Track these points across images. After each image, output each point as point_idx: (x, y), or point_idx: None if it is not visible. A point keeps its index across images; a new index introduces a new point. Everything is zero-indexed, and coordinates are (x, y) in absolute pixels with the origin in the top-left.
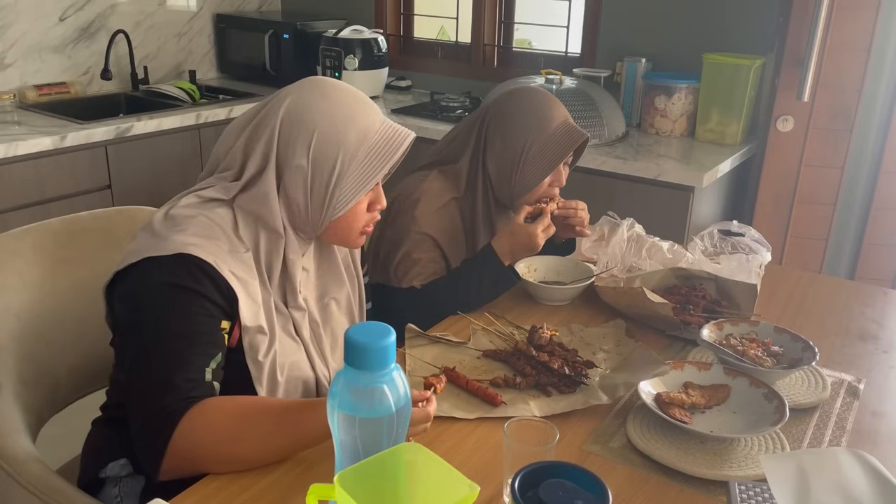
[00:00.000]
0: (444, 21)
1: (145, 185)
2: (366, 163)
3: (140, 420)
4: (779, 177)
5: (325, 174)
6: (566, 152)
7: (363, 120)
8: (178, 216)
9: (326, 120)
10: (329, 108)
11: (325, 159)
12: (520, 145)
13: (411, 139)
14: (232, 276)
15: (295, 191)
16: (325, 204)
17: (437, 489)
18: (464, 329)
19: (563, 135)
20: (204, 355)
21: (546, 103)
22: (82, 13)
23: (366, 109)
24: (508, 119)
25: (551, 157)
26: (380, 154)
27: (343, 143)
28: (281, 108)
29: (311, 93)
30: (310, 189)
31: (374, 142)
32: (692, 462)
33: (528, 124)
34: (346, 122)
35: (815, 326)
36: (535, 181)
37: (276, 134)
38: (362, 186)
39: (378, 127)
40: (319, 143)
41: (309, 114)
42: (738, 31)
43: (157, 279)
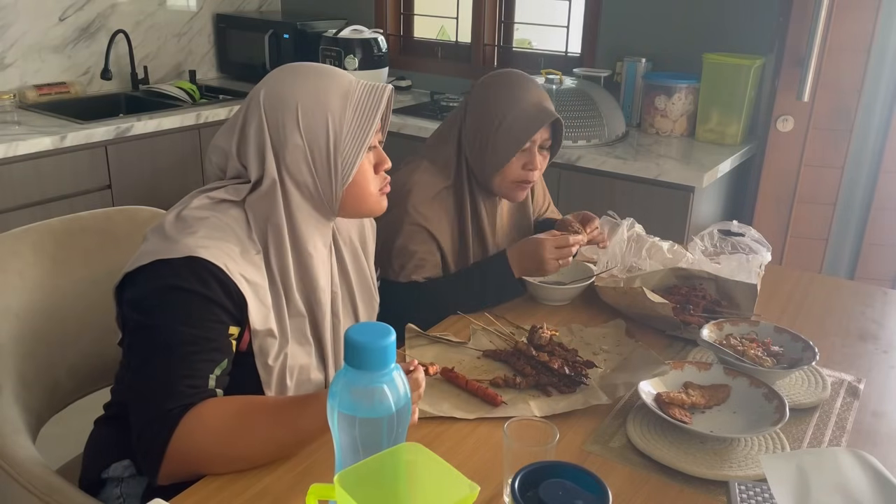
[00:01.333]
0: (444, 21)
1: (145, 185)
2: (356, 120)
3: (140, 424)
4: (779, 177)
5: (321, 144)
6: (534, 129)
7: (339, 83)
8: (190, 218)
9: (304, 92)
10: (303, 82)
11: (317, 129)
12: (491, 123)
13: (391, 89)
14: (242, 280)
15: (299, 172)
16: (331, 174)
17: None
18: (464, 329)
19: (532, 113)
20: (209, 361)
21: (520, 83)
22: (82, 13)
23: (337, 74)
24: (483, 99)
25: (519, 134)
26: (366, 108)
27: (329, 108)
28: (260, 100)
29: (282, 76)
30: (312, 164)
31: (357, 98)
32: (692, 462)
33: (499, 102)
34: (324, 89)
35: (815, 326)
36: (504, 159)
37: (264, 125)
38: (360, 144)
39: (355, 85)
40: (306, 115)
41: (287, 93)
42: (738, 31)
43: (166, 282)
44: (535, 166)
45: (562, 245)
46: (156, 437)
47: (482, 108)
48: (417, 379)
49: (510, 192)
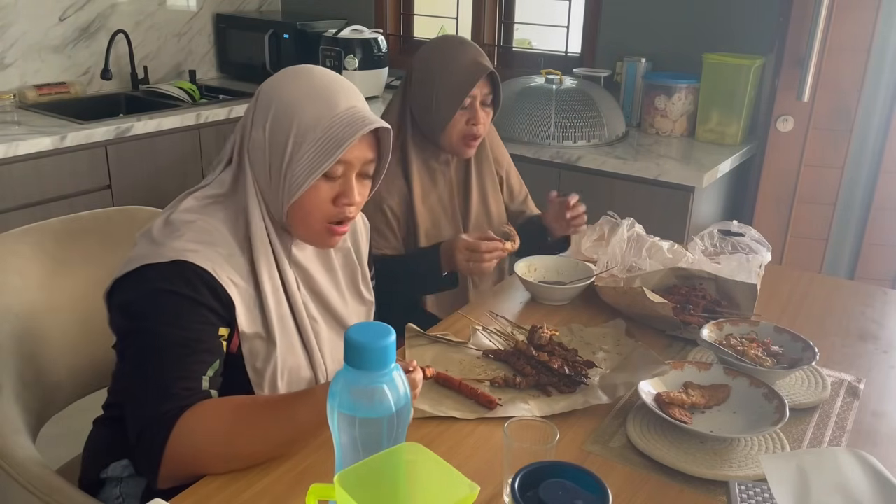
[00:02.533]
0: (444, 21)
1: (145, 185)
2: (320, 143)
3: (136, 428)
4: (779, 177)
5: (279, 150)
6: (472, 83)
7: (326, 99)
8: (177, 221)
9: (287, 94)
10: (294, 85)
11: (280, 133)
12: (432, 82)
13: (374, 126)
14: (230, 283)
15: (258, 168)
16: (280, 183)
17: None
18: (464, 329)
19: (469, 69)
20: (201, 363)
21: (455, 44)
22: (82, 13)
23: (334, 91)
24: (424, 63)
25: (459, 89)
26: (336, 136)
27: (299, 117)
28: (258, 92)
29: (284, 75)
30: (269, 166)
31: (333, 123)
32: (692, 462)
33: (438, 63)
34: (306, 98)
35: (815, 326)
36: (448, 115)
37: (251, 112)
38: (315, 168)
39: (343, 109)
40: (276, 115)
41: (275, 90)
42: (738, 31)
43: (154, 287)
44: (477, 121)
45: (473, 248)
46: (153, 440)
47: (423, 72)
48: (415, 379)
49: (459, 148)
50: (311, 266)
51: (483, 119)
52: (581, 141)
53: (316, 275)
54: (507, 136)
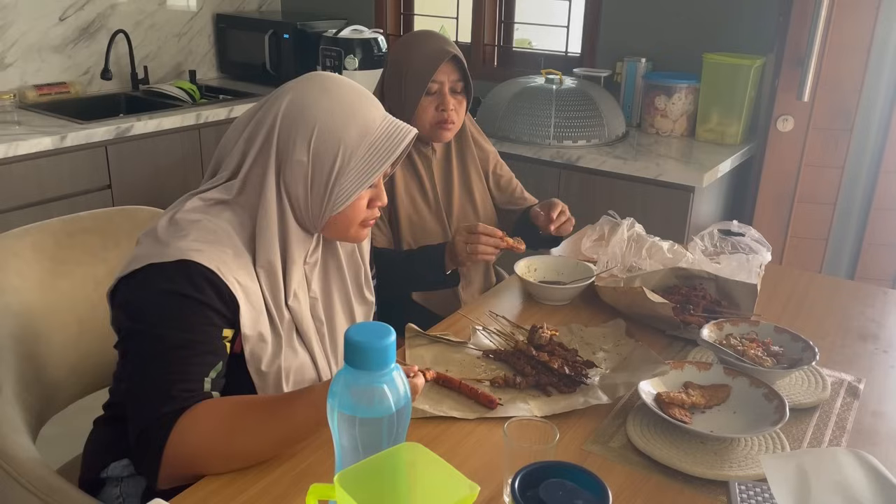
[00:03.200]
0: (444, 21)
1: (145, 185)
2: (366, 159)
3: (137, 429)
4: (779, 177)
5: (325, 170)
6: (434, 67)
7: (364, 115)
8: (182, 221)
9: (327, 115)
10: (329, 104)
11: (326, 155)
12: (400, 73)
13: (412, 136)
14: (235, 283)
15: (295, 186)
16: (324, 199)
17: (437, 489)
18: (464, 329)
19: (433, 55)
20: (203, 365)
21: (423, 35)
22: (82, 13)
23: (367, 104)
24: (394, 56)
25: (422, 75)
26: (380, 150)
27: (344, 139)
28: (281, 104)
29: (311, 88)
30: (310, 184)
31: (375, 137)
32: (692, 462)
33: (404, 53)
34: (346, 117)
35: (815, 326)
36: (414, 101)
37: (275, 130)
38: (362, 182)
39: (379, 123)
40: (320, 138)
41: (309, 110)
42: (738, 31)
43: (158, 287)
44: (446, 106)
45: (470, 230)
46: (152, 442)
47: (393, 64)
48: (416, 385)
49: (433, 133)
50: (321, 267)
51: (454, 105)
52: (581, 141)
53: (325, 276)
54: (507, 136)
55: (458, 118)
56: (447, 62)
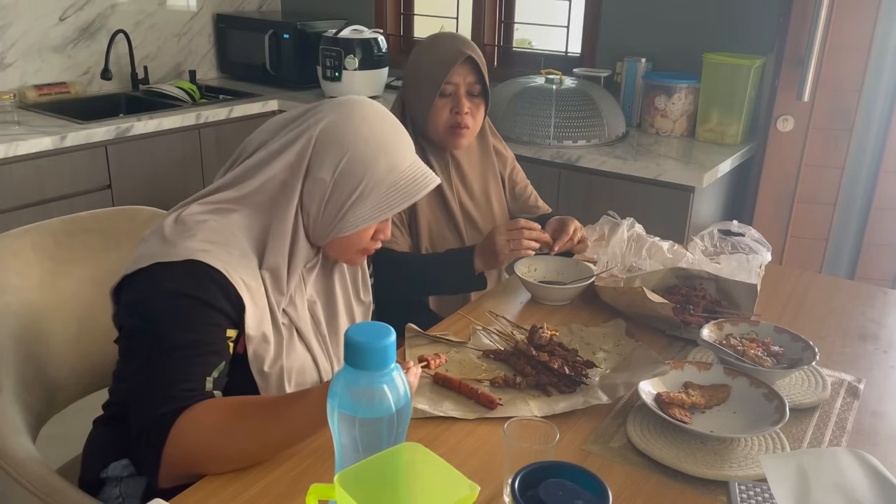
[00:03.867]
0: (444, 21)
1: (145, 185)
2: (386, 195)
3: (137, 428)
4: (779, 177)
5: (344, 194)
6: (447, 68)
7: (396, 153)
8: (190, 220)
9: (361, 144)
10: (367, 134)
11: (349, 181)
12: (417, 73)
13: (435, 184)
14: (241, 284)
15: (311, 201)
16: (334, 221)
17: (437, 489)
18: (464, 329)
19: (448, 56)
20: (206, 365)
21: (443, 37)
22: (82, 13)
23: (400, 143)
24: (413, 57)
25: (436, 75)
26: (402, 191)
27: (370, 171)
28: (320, 123)
29: (353, 115)
30: (325, 203)
31: (400, 177)
32: (692, 462)
33: (423, 54)
34: (378, 150)
35: (815, 326)
36: (428, 102)
37: (310, 146)
38: (375, 216)
39: (408, 164)
40: (348, 164)
41: (346, 134)
42: (738, 31)
43: (165, 286)
44: (460, 109)
45: (512, 228)
46: (152, 441)
47: (410, 66)
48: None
49: (447, 138)
50: (322, 269)
51: (469, 108)
52: (581, 141)
53: (327, 278)
54: (507, 136)
55: (474, 123)
56: (463, 63)
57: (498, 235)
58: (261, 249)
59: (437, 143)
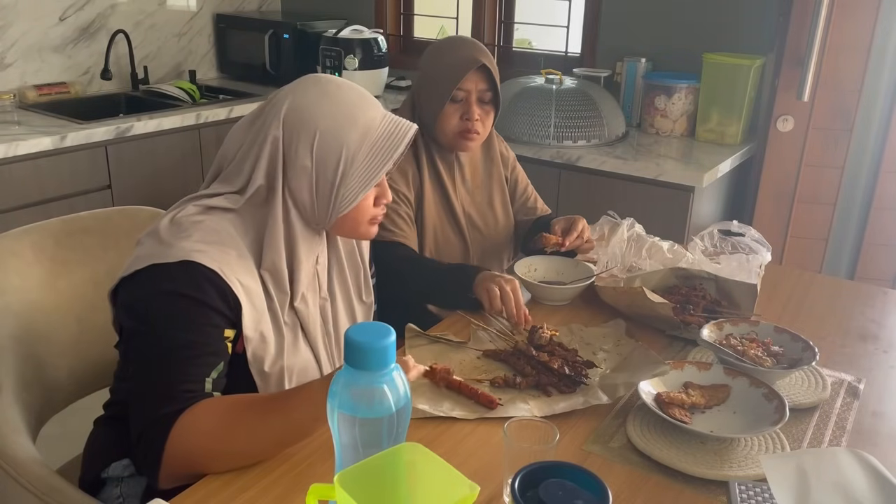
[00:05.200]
0: (444, 21)
1: (145, 185)
2: (369, 159)
3: (138, 429)
4: (779, 177)
5: (328, 173)
6: (460, 75)
7: (364, 116)
8: (185, 221)
9: (328, 119)
10: (330, 107)
11: (329, 158)
12: (429, 77)
13: (413, 132)
14: (238, 284)
15: (300, 191)
16: (329, 202)
17: (437, 489)
18: (464, 329)
19: (461, 63)
20: (205, 365)
21: (457, 41)
22: (82, 13)
23: (366, 105)
24: (427, 60)
25: (448, 81)
26: (382, 150)
27: (346, 142)
28: (281, 110)
29: (310, 92)
30: (315, 188)
31: (376, 137)
32: (692, 462)
33: (436, 58)
34: (347, 119)
35: (815, 326)
36: (438, 106)
37: (280, 138)
38: (366, 183)
39: (379, 122)
40: (322, 142)
41: (310, 113)
42: (738, 31)
43: (161, 288)
44: (470, 116)
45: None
46: (152, 442)
47: (423, 69)
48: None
49: (456, 142)
50: (327, 270)
51: (479, 115)
52: (581, 141)
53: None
54: (507, 137)
55: (484, 129)
56: (476, 71)
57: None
58: (258, 250)
59: (445, 146)
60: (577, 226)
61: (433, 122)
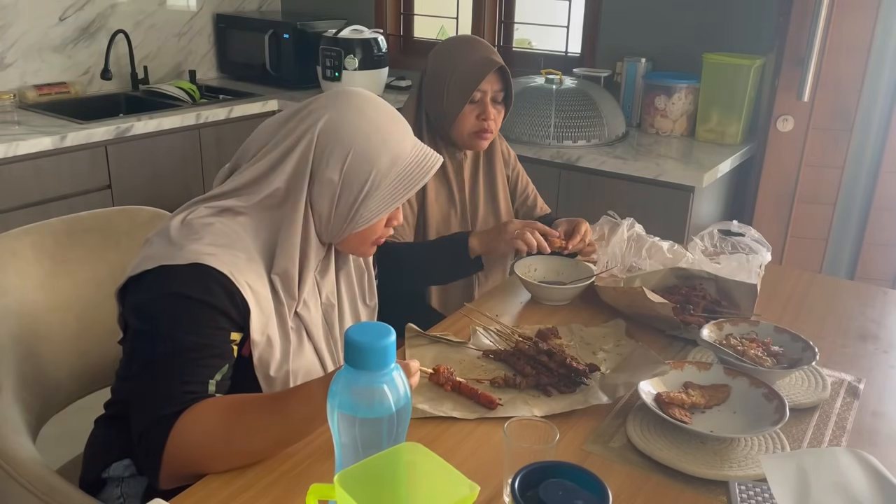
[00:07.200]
0: (444, 21)
1: (145, 185)
2: (395, 184)
3: (139, 429)
4: (779, 177)
5: (354, 191)
6: (481, 77)
7: (397, 142)
8: (196, 223)
9: (363, 140)
10: (366, 128)
11: (357, 178)
12: (444, 78)
13: (439, 164)
14: (247, 288)
15: (321, 202)
16: (347, 218)
17: (437, 489)
18: (464, 329)
19: (479, 64)
20: (210, 367)
21: (469, 41)
22: (82, 13)
23: (400, 131)
24: (438, 59)
25: (468, 83)
26: (409, 177)
27: (376, 164)
28: (318, 121)
29: (348, 109)
30: (336, 203)
31: (405, 165)
32: (692, 462)
33: (451, 58)
34: (381, 143)
35: (815, 326)
36: (457, 108)
37: (312, 147)
38: (388, 206)
39: (409, 151)
40: (354, 161)
41: (346, 131)
42: (738, 31)
43: (170, 290)
44: (487, 116)
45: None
46: (153, 442)
47: (436, 67)
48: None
49: (470, 141)
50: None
51: (493, 115)
52: (581, 141)
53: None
54: (508, 136)
55: (496, 128)
56: (493, 72)
57: (511, 223)
58: (268, 253)
59: (457, 145)
60: (580, 229)
61: (450, 123)
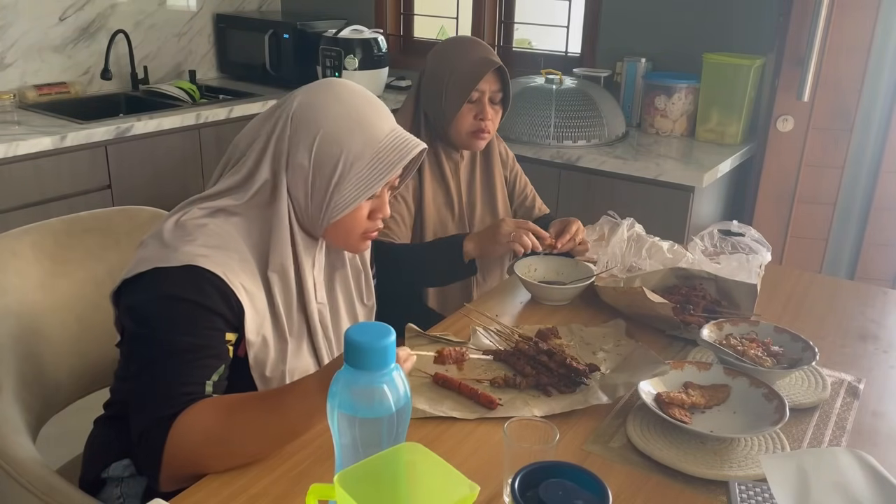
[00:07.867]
0: (444, 21)
1: (145, 185)
2: (368, 169)
3: (137, 432)
4: (779, 177)
5: (325, 175)
6: (479, 77)
7: (372, 125)
8: (189, 225)
9: (332, 121)
10: (337, 110)
11: (327, 161)
12: (442, 78)
13: (419, 150)
14: (241, 289)
15: (296, 189)
16: (323, 205)
17: (437, 489)
18: (464, 329)
19: (477, 64)
20: (206, 368)
21: (467, 42)
22: (82, 13)
23: (376, 114)
24: (436, 59)
25: (466, 83)
26: (384, 161)
27: (346, 146)
28: (291, 107)
29: (323, 94)
30: (310, 189)
31: (380, 149)
32: (692, 462)
33: (449, 58)
34: (352, 125)
35: (815, 326)
36: (455, 108)
37: (285, 133)
38: (362, 192)
39: (386, 134)
40: (322, 143)
41: (316, 114)
42: (738, 31)
43: (164, 292)
44: (485, 116)
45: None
46: (153, 444)
47: (435, 67)
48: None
49: (468, 141)
50: (328, 274)
51: (491, 115)
52: (581, 141)
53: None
54: (507, 136)
55: (494, 128)
56: (492, 72)
57: (504, 224)
58: (261, 253)
59: (455, 145)
60: (570, 228)
61: (448, 122)
